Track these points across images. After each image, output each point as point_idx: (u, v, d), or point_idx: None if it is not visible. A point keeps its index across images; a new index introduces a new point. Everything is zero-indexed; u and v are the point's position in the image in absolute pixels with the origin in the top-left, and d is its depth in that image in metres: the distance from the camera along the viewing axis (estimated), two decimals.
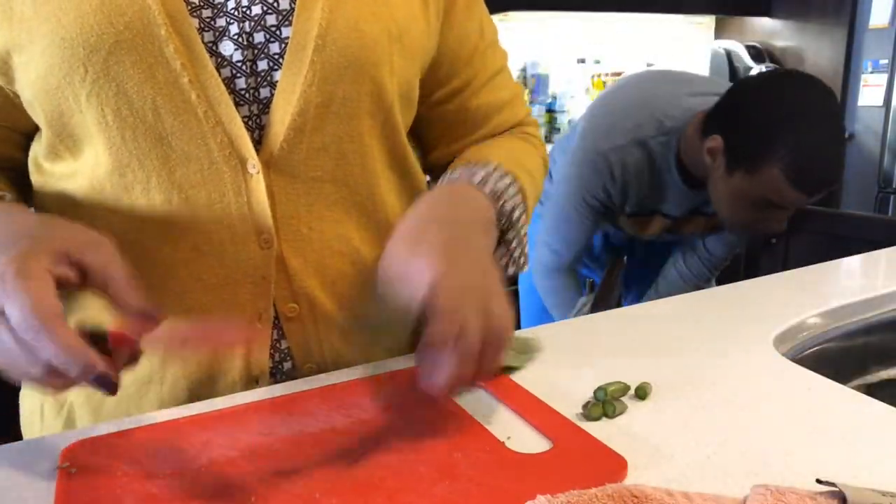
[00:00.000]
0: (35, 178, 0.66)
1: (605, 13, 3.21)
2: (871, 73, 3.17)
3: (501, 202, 0.65)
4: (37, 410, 0.70)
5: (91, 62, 0.55)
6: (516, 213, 0.66)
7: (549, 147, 2.96)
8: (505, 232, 0.66)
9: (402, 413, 0.58)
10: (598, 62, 3.26)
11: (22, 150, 0.67)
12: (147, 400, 0.65)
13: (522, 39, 3.14)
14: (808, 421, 0.57)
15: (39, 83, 0.57)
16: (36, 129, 0.64)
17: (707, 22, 3.64)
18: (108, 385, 0.46)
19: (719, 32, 3.66)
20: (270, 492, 0.47)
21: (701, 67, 3.56)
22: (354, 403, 0.59)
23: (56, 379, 0.45)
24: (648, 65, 3.38)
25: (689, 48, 3.57)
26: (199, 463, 0.51)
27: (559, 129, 3.05)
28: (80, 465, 0.50)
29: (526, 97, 3.12)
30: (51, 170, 0.64)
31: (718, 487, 0.48)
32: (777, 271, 0.97)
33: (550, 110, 3.06)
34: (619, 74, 3.28)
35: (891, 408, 0.59)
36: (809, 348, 0.80)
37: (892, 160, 3.15)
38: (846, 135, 3.25)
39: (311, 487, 0.48)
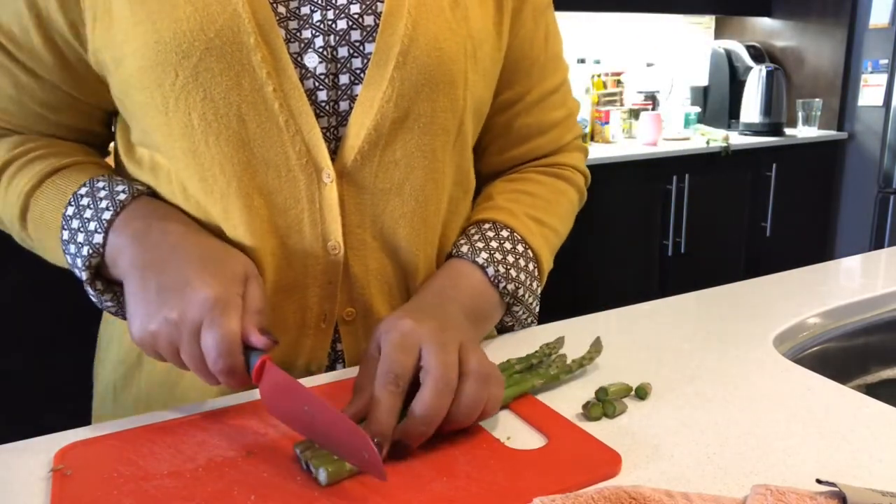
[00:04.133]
0: (127, 163, 0.68)
1: (605, 13, 3.21)
2: (871, 73, 3.17)
3: (502, 285, 0.68)
4: (109, 388, 0.73)
5: (182, 67, 0.57)
6: (520, 291, 0.70)
7: None
8: (511, 305, 0.71)
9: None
10: (598, 62, 3.26)
11: (105, 126, 0.72)
12: (216, 389, 0.65)
13: None
14: (808, 421, 0.57)
15: (132, 81, 0.59)
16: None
17: (707, 22, 3.64)
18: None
19: (719, 32, 3.66)
20: (269, 492, 0.47)
21: (701, 67, 3.56)
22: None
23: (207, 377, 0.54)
24: (648, 65, 3.38)
25: (689, 48, 3.57)
26: (196, 463, 0.51)
27: None
28: (75, 466, 0.50)
29: None
30: (139, 160, 0.66)
31: (718, 487, 0.48)
32: (777, 271, 0.97)
33: None
34: (619, 74, 3.28)
35: (891, 408, 0.58)
36: (809, 348, 0.79)
37: (892, 160, 3.15)
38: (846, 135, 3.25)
39: (310, 486, 0.48)
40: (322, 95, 0.62)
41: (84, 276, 0.61)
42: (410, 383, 0.53)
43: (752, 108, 3.23)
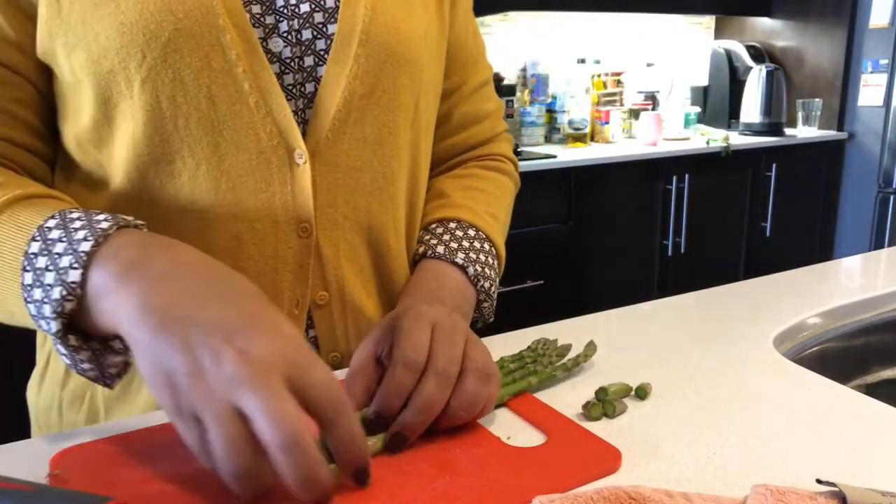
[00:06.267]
0: (77, 156, 0.63)
1: (605, 13, 3.21)
2: (871, 73, 3.17)
3: (480, 283, 0.71)
4: (55, 407, 0.69)
5: (150, 48, 0.56)
6: (492, 288, 0.73)
7: (548, 148, 2.93)
8: (481, 301, 0.73)
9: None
10: (598, 62, 3.26)
11: (46, 143, 0.63)
12: None
13: (522, 39, 3.14)
14: (808, 421, 0.57)
15: (90, 66, 0.57)
16: (54, 122, 0.62)
17: (707, 22, 3.64)
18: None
19: (719, 32, 3.66)
20: (272, 493, 0.47)
21: (701, 67, 3.56)
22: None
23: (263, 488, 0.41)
24: (648, 65, 3.38)
25: (689, 48, 3.57)
26: (197, 465, 0.50)
27: (559, 129, 3.04)
28: (71, 471, 0.49)
29: (526, 97, 3.12)
30: (93, 152, 0.62)
31: (718, 487, 0.48)
32: (777, 271, 0.97)
33: (550, 110, 3.05)
34: (619, 74, 3.28)
35: (891, 408, 0.58)
36: (809, 348, 0.79)
37: (892, 160, 3.15)
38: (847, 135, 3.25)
39: None
40: (289, 79, 0.62)
41: (53, 327, 0.47)
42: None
43: (752, 108, 3.23)
